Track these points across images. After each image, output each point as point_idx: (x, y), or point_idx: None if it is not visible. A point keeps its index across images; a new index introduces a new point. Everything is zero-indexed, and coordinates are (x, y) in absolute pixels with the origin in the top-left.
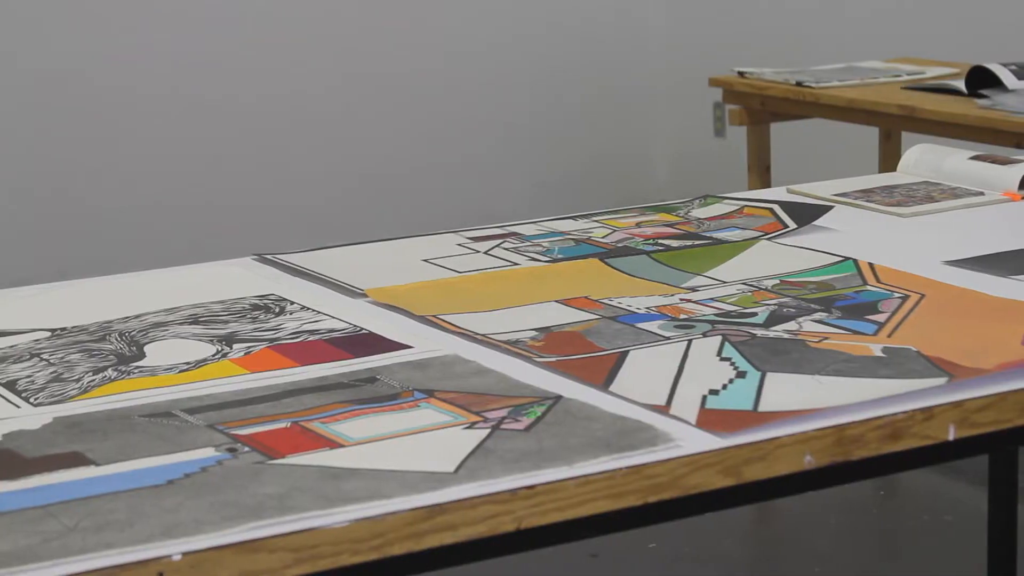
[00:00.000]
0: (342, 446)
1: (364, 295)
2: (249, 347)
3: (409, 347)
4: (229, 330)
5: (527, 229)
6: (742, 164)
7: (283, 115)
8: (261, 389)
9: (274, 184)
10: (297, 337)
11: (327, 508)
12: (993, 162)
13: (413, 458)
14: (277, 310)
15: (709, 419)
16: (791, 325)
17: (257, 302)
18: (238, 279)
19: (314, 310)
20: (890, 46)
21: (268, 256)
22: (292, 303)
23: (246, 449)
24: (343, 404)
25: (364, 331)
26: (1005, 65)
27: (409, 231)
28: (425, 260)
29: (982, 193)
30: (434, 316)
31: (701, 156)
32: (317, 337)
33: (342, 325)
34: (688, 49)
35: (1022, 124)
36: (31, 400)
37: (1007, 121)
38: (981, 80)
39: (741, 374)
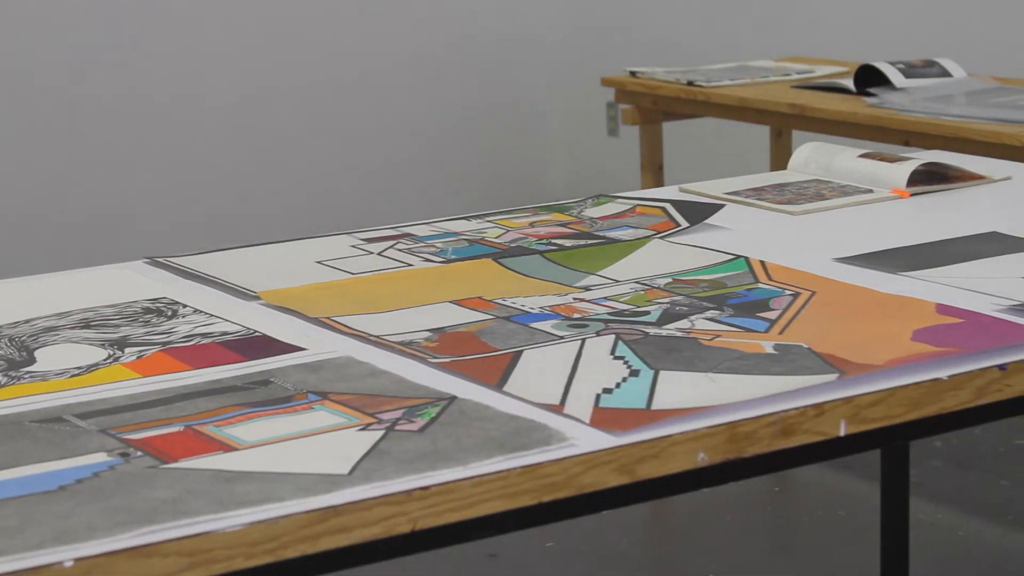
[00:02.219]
0: (236, 449)
1: (257, 297)
2: (141, 351)
3: (302, 349)
4: (121, 334)
5: (420, 230)
6: (635, 163)
7: (175, 117)
8: (154, 393)
9: (166, 187)
10: (190, 340)
11: (221, 512)
12: (882, 160)
13: (307, 460)
14: (169, 313)
15: (603, 418)
16: (683, 323)
17: (149, 305)
18: (130, 282)
19: (207, 313)
20: (780, 45)
21: (160, 259)
22: (185, 306)
23: (139, 453)
24: (236, 407)
25: (257, 334)
26: (893, 64)
27: (302, 233)
28: (318, 262)
29: (871, 191)
30: (327, 318)
31: (595, 156)
32: (210, 340)
33: (235, 328)
34: (581, 49)
35: (910, 122)
36: None
37: (895, 119)
38: (869, 79)
39: (634, 372)
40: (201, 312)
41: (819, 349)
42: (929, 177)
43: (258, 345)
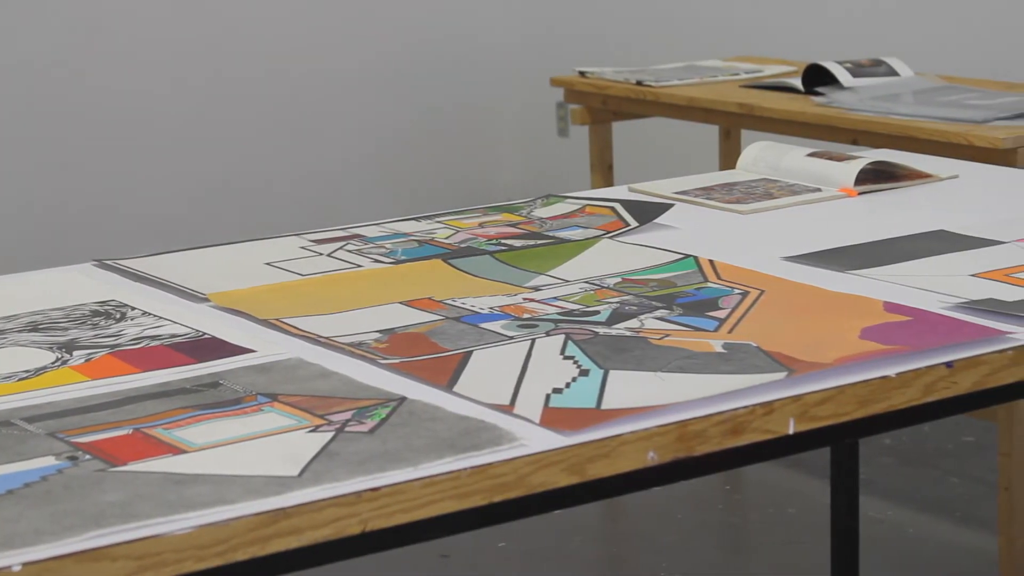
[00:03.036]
0: (185, 452)
1: (206, 300)
2: (90, 354)
3: (252, 351)
4: (69, 337)
5: (370, 231)
6: (585, 163)
7: (123, 119)
8: (102, 396)
9: (114, 189)
10: (139, 343)
11: (170, 515)
12: (830, 159)
13: (257, 462)
14: (118, 316)
15: (553, 418)
16: (633, 323)
17: (98, 308)
18: (78, 285)
19: (156, 315)
20: (729, 45)
21: (108, 262)
22: (133, 309)
23: (87, 457)
24: (186, 410)
25: (206, 336)
26: (841, 63)
27: (251, 235)
28: (268, 264)
29: (819, 189)
30: (277, 319)
31: (545, 156)
32: (159, 343)
33: (184, 330)
34: (531, 50)
35: (858, 121)
36: None
37: (843, 118)
38: (818, 78)
39: (584, 372)
40: (150, 315)
41: (768, 348)
42: (877, 176)
43: (207, 347)
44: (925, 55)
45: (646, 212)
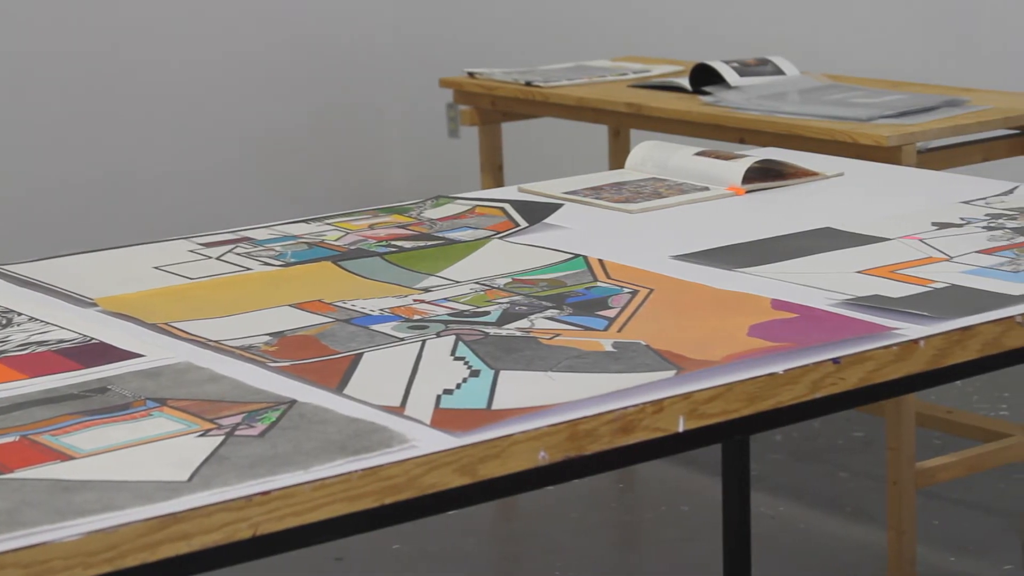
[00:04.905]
0: (73, 458)
1: (94, 304)
2: None
3: (141, 356)
4: None
5: (259, 234)
6: (476, 164)
7: (4, 118)
8: None
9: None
10: (25, 349)
11: (58, 522)
12: (717, 158)
13: (146, 468)
14: (4, 322)
15: (443, 419)
16: (523, 323)
17: None
18: None
19: (43, 321)
20: (617, 45)
21: None
22: (19, 314)
23: None
24: (73, 416)
25: (94, 341)
26: (727, 63)
27: (139, 239)
28: (156, 267)
29: (707, 188)
30: (166, 324)
31: (436, 157)
32: (46, 348)
33: (72, 335)
34: (421, 51)
35: (745, 120)
36: None
37: (730, 117)
38: (705, 77)
39: (475, 373)
40: (36, 320)
41: (657, 346)
42: (764, 174)
43: (95, 352)
44: (811, 54)
45: (536, 212)
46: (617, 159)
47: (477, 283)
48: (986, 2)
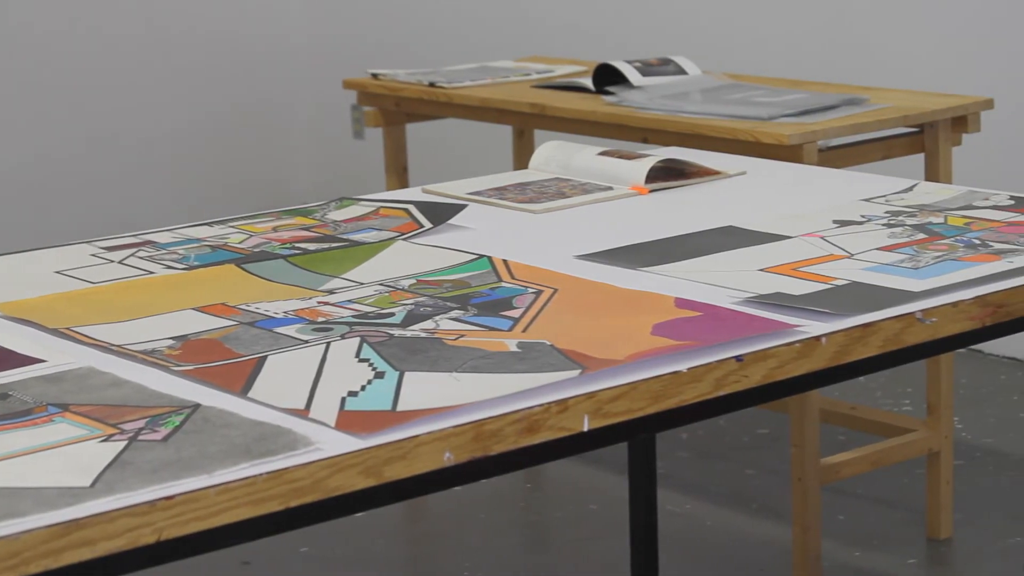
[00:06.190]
0: None
1: None
2: None
3: (42, 361)
4: None
5: (162, 237)
6: (381, 166)
7: None
8: None
9: None
10: None
11: None
12: (621, 157)
13: (48, 474)
14: None
15: (348, 420)
16: (428, 324)
17: None
18: None
19: None
20: (520, 45)
21: None
22: None
23: None
24: None
25: None
26: (630, 62)
27: (39, 243)
28: (57, 272)
29: (611, 188)
30: (68, 328)
31: (340, 159)
32: None
33: None
34: (325, 52)
35: (648, 120)
36: None
37: (633, 117)
38: (608, 77)
39: (380, 374)
40: None
41: (561, 346)
42: (667, 173)
43: None
44: (712, 53)
45: (440, 213)
46: (521, 159)
47: (381, 284)
48: (885, 2)
